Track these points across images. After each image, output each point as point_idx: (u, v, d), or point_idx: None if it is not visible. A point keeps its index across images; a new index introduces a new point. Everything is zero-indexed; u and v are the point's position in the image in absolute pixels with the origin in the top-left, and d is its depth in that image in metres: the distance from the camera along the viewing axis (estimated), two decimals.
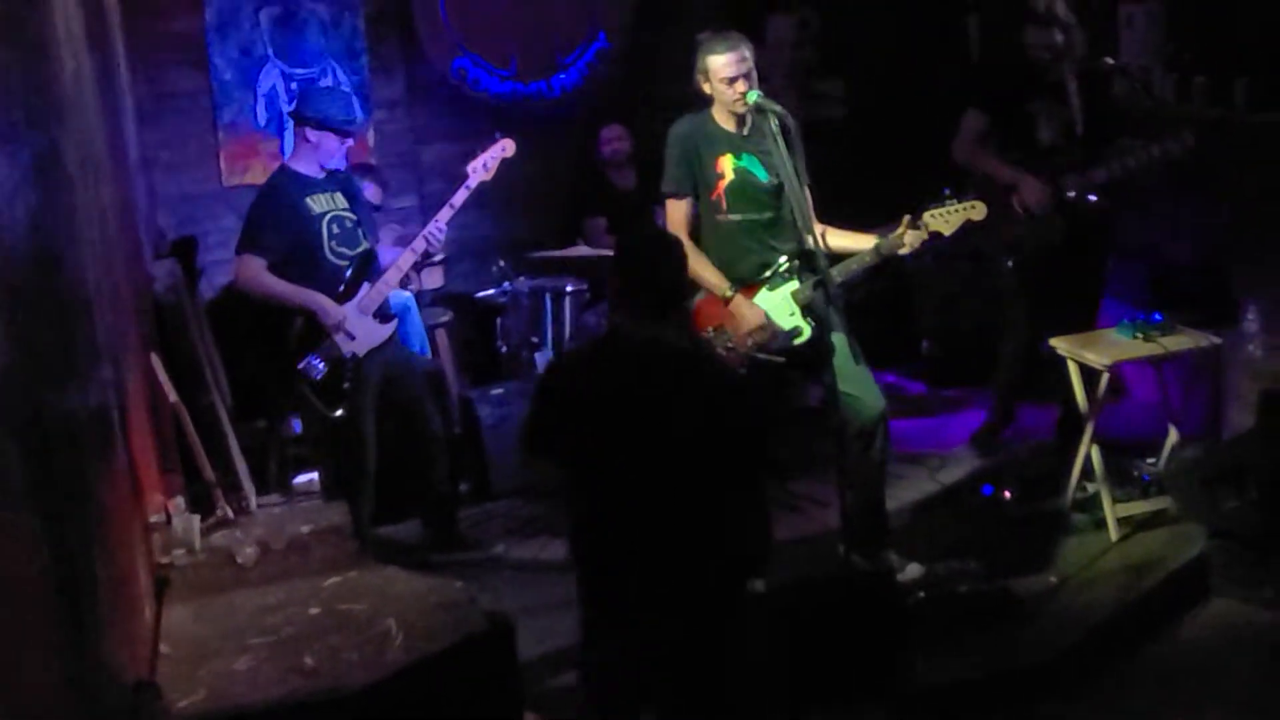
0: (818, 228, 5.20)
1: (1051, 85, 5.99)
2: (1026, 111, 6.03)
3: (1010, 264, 6.15)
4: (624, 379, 3.84)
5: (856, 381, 5.16)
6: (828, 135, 7.65)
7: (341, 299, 5.61)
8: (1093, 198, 5.93)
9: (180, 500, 4.84)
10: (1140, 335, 5.67)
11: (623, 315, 3.94)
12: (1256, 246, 6.27)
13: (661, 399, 3.79)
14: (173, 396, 4.95)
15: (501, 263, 7.32)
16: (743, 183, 5.19)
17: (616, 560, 3.85)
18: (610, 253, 6.86)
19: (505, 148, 5.81)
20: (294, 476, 6.13)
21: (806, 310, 5.18)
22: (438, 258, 7.12)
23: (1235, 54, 6.53)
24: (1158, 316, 5.72)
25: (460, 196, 5.72)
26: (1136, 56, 7.06)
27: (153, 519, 4.73)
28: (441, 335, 7.16)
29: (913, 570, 5.39)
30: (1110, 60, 6.39)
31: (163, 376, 5.01)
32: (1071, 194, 5.94)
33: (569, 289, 7.07)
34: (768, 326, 5.16)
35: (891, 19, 8.29)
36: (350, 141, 5.77)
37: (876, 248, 5.14)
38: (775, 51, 8.14)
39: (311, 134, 5.63)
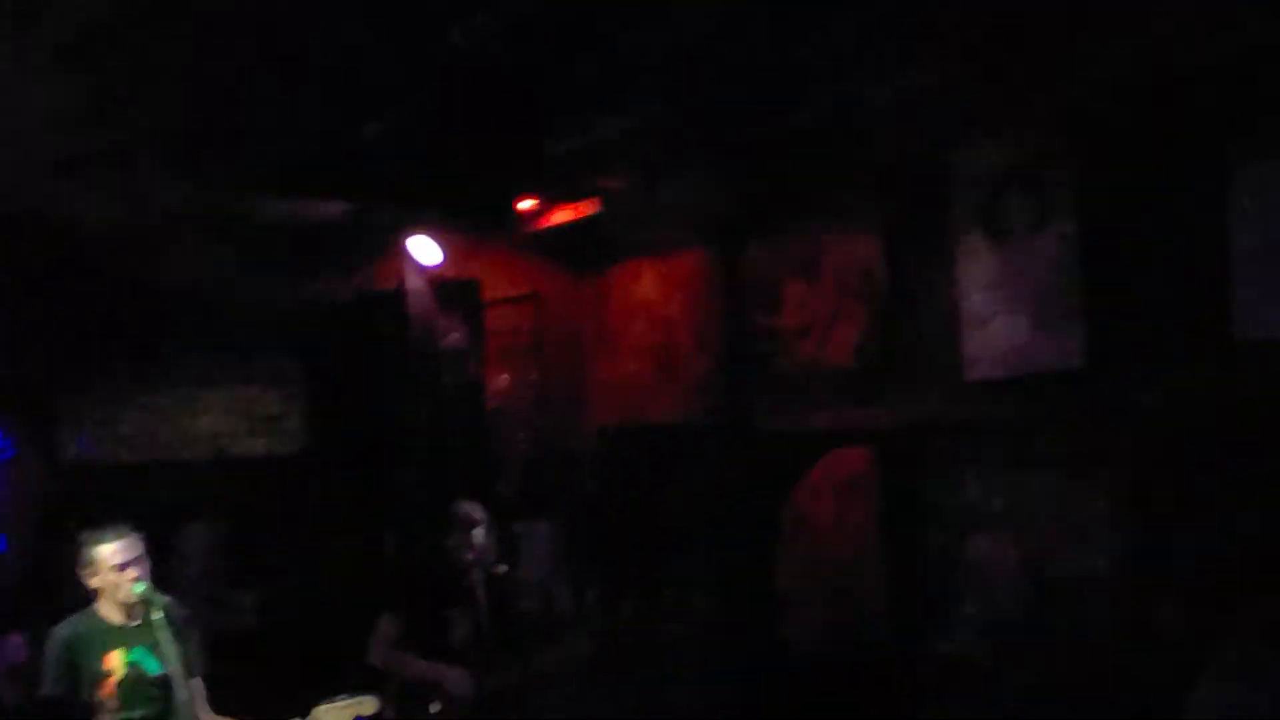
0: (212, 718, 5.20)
1: (465, 588, 6.15)
2: (441, 615, 6.09)
3: None
4: None
5: None
6: (239, 645, 7.52)
7: None
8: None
9: None
10: None
11: None
12: None
13: None
14: None
15: None
16: (133, 678, 5.05)
17: None
18: None
19: None
20: None
21: None
22: None
23: (622, 569, 7.09)
24: None
25: None
26: (540, 568, 7.50)
27: None
28: None
29: None
30: (504, 568, 6.71)
31: None
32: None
33: None
34: None
35: (305, 531, 8.42)
36: None
37: None
38: (186, 560, 8.06)
39: None
